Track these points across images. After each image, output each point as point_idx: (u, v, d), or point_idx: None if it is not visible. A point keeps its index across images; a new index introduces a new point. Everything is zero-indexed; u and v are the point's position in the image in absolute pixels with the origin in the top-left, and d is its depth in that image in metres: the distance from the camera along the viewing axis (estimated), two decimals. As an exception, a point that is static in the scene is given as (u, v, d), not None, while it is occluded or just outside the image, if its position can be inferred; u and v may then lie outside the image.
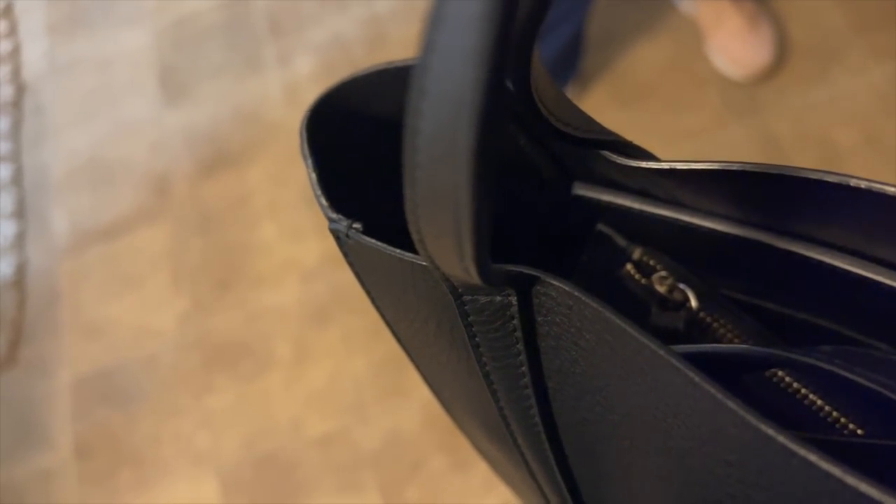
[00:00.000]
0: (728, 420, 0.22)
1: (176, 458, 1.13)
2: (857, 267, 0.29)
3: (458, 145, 0.18)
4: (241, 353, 1.18)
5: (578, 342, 0.26)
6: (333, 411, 1.11)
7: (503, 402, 0.31)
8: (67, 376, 1.22)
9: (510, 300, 0.26)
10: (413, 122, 0.19)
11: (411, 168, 0.20)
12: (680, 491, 0.26)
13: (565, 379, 0.28)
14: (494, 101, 0.18)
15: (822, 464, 0.20)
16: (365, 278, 0.34)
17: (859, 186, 0.26)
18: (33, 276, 1.32)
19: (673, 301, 0.35)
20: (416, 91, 0.19)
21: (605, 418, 0.28)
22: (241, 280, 1.23)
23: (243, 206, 1.30)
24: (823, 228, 0.30)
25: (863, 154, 1.11)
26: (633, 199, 0.35)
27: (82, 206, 1.37)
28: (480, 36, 0.17)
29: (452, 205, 0.20)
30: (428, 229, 0.21)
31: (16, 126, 1.37)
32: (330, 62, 1.39)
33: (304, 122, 0.32)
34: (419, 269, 0.28)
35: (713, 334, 0.35)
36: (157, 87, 1.46)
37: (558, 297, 0.25)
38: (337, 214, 0.30)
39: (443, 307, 0.29)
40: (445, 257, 0.22)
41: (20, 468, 1.17)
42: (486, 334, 0.28)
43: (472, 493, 1.01)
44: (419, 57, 0.18)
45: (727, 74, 1.21)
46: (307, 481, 1.07)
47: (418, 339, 0.35)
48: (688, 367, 0.22)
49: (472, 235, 0.20)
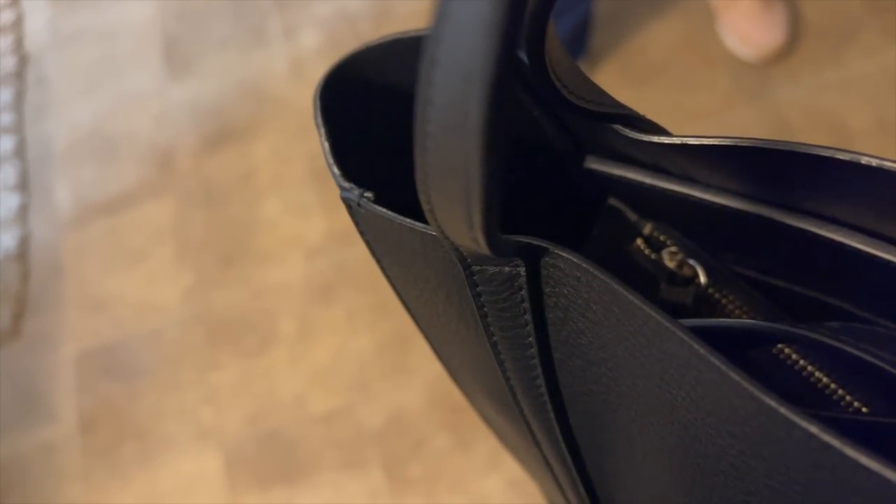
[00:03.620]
0: (732, 392, 0.22)
1: (179, 432, 1.13)
2: (867, 245, 0.29)
3: (470, 116, 0.19)
4: (245, 329, 1.18)
5: (586, 314, 0.26)
6: (337, 388, 1.11)
7: (510, 372, 0.32)
8: (71, 350, 1.22)
9: (518, 271, 0.26)
10: (424, 92, 0.19)
11: (422, 138, 0.20)
12: (683, 461, 0.27)
13: (572, 350, 0.29)
14: (506, 72, 0.18)
15: (823, 436, 0.20)
16: (376, 247, 0.35)
17: (870, 164, 0.26)
18: (37, 249, 1.32)
19: (682, 276, 0.35)
20: (428, 61, 0.19)
21: (610, 389, 0.28)
22: (245, 256, 1.23)
23: (248, 181, 1.29)
24: (834, 205, 0.30)
25: (874, 136, 1.10)
26: (644, 174, 0.35)
27: (86, 179, 1.37)
28: (493, 6, 0.17)
29: (463, 175, 0.20)
30: (438, 199, 0.22)
31: (19, 97, 1.36)
32: (335, 36, 1.39)
33: (317, 91, 0.32)
34: (429, 238, 0.28)
35: (721, 310, 0.35)
36: (161, 60, 1.45)
37: (567, 268, 0.26)
38: (349, 183, 0.31)
39: (452, 277, 0.29)
40: (455, 227, 0.23)
41: (24, 441, 1.17)
42: (494, 304, 0.28)
43: (475, 472, 1.01)
44: (431, 26, 0.19)
45: (739, 55, 1.20)
46: (310, 457, 1.08)
47: (428, 309, 0.36)
48: (693, 338, 0.23)
49: (482, 205, 0.21)
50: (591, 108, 0.31)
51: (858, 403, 0.30)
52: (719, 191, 0.32)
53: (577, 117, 0.33)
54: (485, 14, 0.18)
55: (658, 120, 0.32)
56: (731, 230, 0.33)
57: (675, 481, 0.28)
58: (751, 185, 0.31)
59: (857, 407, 0.30)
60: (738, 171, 0.31)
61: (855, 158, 0.26)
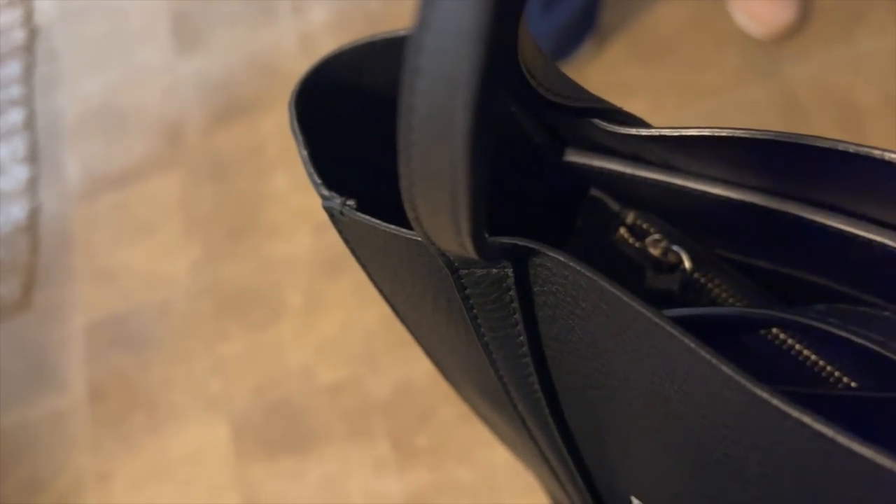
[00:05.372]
0: (723, 384, 0.22)
1: (188, 402, 1.15)
2: (847, 225, 0.29)
3: (455, 123, 0.19)
4: (253, 302, 1.19)
5: (575, 311, 0.26)
6: (344, 360, 1.12)
7: (503, 371, 0.31)
8: (81, 321, 1.24)
9: (506, 272, 0.26)
10: (408, 101, 0.19)
11: (407, 146, 0.20)
12: (678, 452, 0.27)
13: (563, 347, 0.29)
14: (490, 78, 0.18)
15: (816, 425, 0.20)
16: (360, 254, 0.34)
17: (847, 150, 0.26)
18: (46, 221, 1.33)
19: (667, 263, 0.35)
20: (411, 69, 0.18)
21: (603, 384, 0.28)
22: (253, 229, 1.24)
23: (256, 155, 1.30)
24: (813, 189, 0.30)
25: (883, 114, 1.09)
26: (624, 164, 0.35)
27: (95, 152, 1.38)
28: (475, 13, 0.17)
29: (449, 182, 0.20)
30: (424, 207, 0.21)
31: (28, 70, 1.37)
32: (345, 12, 1.38)
33: (292, 98, 0.32)
34: (414, 244, 0.28)
35: (708, 295, 0.35)
36: (170, 34, 1.45)
37: (554, 267, 0.26)
38: (330, 192, 0.31)
39: (439, 281, 0.29)
40: (441, 233, 0.23)
41: (34, 410, 1.19)
42: (483, 306, 0.28)
43: (480, 443, 1.02)
44: (413, 34, 0.18)
45: (749, 33, 1.19)
46: (317, 428, 1.09)
47: (416, 313, 0.36)
48: (683, 333, 0.23)
49: (469, 212, 0.21)
50: (568, 104, 0.31)
51: (847, 379, 0.30)
52: (699, 177, 0.32)
53: (554, 112, 0.32)
54: (466, 21, 0.17)
55: (666, 98, 0.32)
56: (714, 215, 0.33)
57: (672, 471, 0.28)
58: (730, 171, 0.31)
59: (846, 383, 0.30)
60: (718, 158, 0.31)
61: (833, 146, 0.26)
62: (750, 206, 0.31)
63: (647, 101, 1.17)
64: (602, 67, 1.21)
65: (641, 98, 1.18)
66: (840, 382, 0.30)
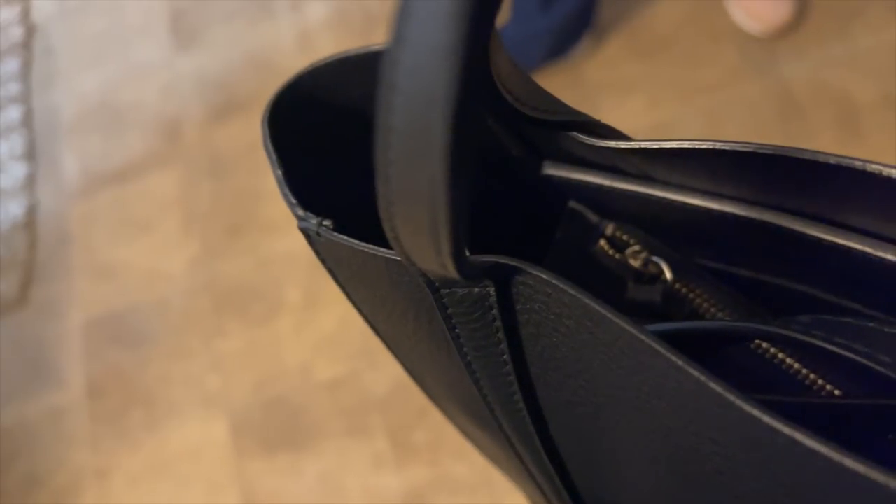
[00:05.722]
0: (712, 400, 0.22)
1: (186, 399, 1.15)
2: (827, 234, 0.29)
3: (433, 141, 0.18)
4: (251, 298, 1.19)
5: (559, 328, 0.26)
6: (342, 356, 1.12)
7: (486, 390, 0.31)
8: (79, 317, 1.24)
9: (488, 291, 0.25)
10: (384, 119, 0.18)
11: (384, 165, 0.19)
12: (667, 467, 0.27)
13: (547, 364, 0.28)
14: (468, 94, 0.18)
15: (808, 441, 0.20)
16: (339, 274, 0.34)
17: (828, 162, 0.26)
18: (44, 218, 1.33)
19: (648, 274, 0.35)
20: (387, 86, 0.18)
21: (589, 400, 0.28)
22: (251, 225, 1.24)
23: (254, 152, 1.29)
24: (792, 199, 0.30)
25: (880, 111, 1.09)
26: (603, 176, 0.34)
27: (93, 149, 1.37)
28: (451, 28, 0.17)
29: (428, 201, 0.19)
30: (403, 226, 0.21)
31: (26, 67, 1.36)
32: (342, 9, 1.38)
33: (265, 116, 0.31)
34: (394, 264, 0.27)
35: (690, 305, 0.35)
36: (168, 31, 1.45)
37: (536, 285, 0.25)
38: (305, 212, 0.30)
39: (420, 300, 0.29)
40: (421, 253, 0.22)
41: (32, 407, 1.19)
42: (465, 325, 0.27)
43: (477, 440, 1.02)
44: (388, 51, 0.18)
45: (746, 29, 1.19)
46: (315, 424, 1.09)
47: (397, 332, 0.35)
48: (669, 350, 0.22)
49: (450, 231, 0.20)
50: (545, 118, 0.30)
51: (831, 387, 0.30)
52: (678, 188, 0.32)
53: (532, 126, 0.32)
54: (443, 36, 0.17)
55: (663, 94, 0.32)
56: (693, 226, 0.33)
57: (661, 486, 0.28)
58: (709, 182, 0.31)
59: (829, 390, 0.30)
60: (696, 169, 0.31)
61: (812, 157, 0.26)
62: (730, 216, 0.31)
63: (644, 97, 1.17)
64: (600, 64, 1.21)
65: (639, 94, 1.17)
66: (824, 391, 0.30)
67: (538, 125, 0.31)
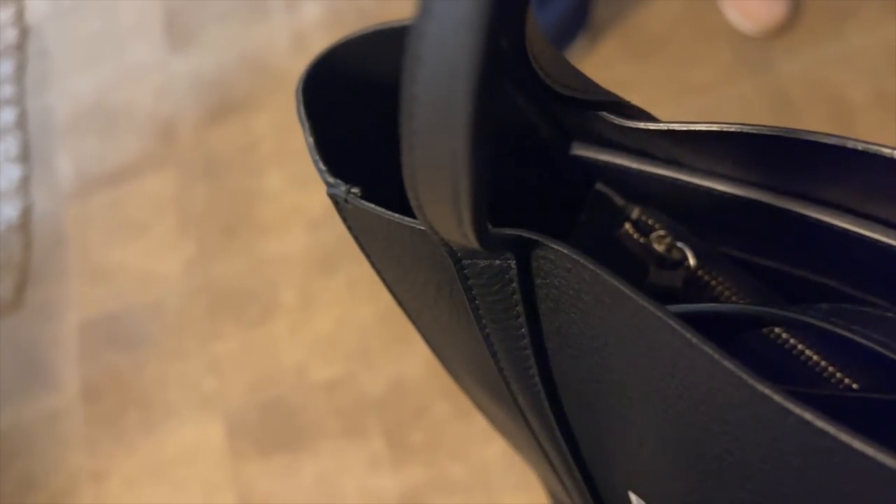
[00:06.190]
0: (725, 380, 0.22)
1: (182, 401, 1.15)
2: (854, 224, 0.29)
3: (456, 112, 0.18)
4: (247, 299, 1.19)
5: (577, 304, 0.26)
6: (339, 357, 1.12)
7: (503, 363, 0.31)
8: (74, 319, 1.23)
9: (509, 264, 0.26)
10: (409, 89, 0.19)
11: (409, 134, 0.20)
12: (678, 447, 0.27)
13: (564, 340, 0.28)
14: (491, 67, 0.18)
15: (818, 422, 0.20)
16: (364, 241, 0.34)
17: (856, 148, 0.26)
18: (39, 220, 1.32)
19: (671, 260, 0.35)
20: (412, 57, 0.18)
21: (603, 378, 0.28)
22: (247, 227, 1.24)
23: (249, 153, 1.29)
24: (820, 188, 0.30)
25: (874, 111, 1.10)
26: (631, 159, 0.34)
27: (87, 150, 1.37)
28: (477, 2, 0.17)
29: (450, 171, 0.20)
30: (426, 195, 0.21)
31: (20, 69, 1.36)
32: (337, 9, 1.38)
33: (299, 85, 0.32)
34: (418, 233, 0.28)
35: (711, 292, 0.35)
36: (162, 32, 1.45)
37: (557, 260, 0.25)
38: (335, 179, 0.30)
39: (442, 271, 0.29)
40: (444, 223, 0.22)
41: (27, 410, 1.18)
42: (485, 297, 0.28)
43: (475, 440, 1.02)
44: (414, 23, 0.18)
45: (740, 29, 1.19)
46: (312, 425, 1.09)
47: (418, 302, 0.35)
48: (685, 328, 0.22)
49: (471, 201, 0.21)
50: (577, 97, 0.31)
51: (849, 380, 0.30)
52: (706, 174, 0.32)
53: (562, 105, 0.32)
54: (468, 8, 0.17)
55: (658, 94, 0.32)
56: (719, 212, 0.33)
57: (672, 466, 0.28)
58: (738, 168, 0.31)
59: (847, 384, 0.30)
60: (725, 155, 0.31)
61: (842, 143, 0.26)
62: (756, 203, 0.31)
63: (639, 97, 1.16)
64: (594, 64, 1.21)
65: (634, 94, 1.15)
66: (841, 383, 0.30)
67: (569, 104, 0.31)
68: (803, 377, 0.31)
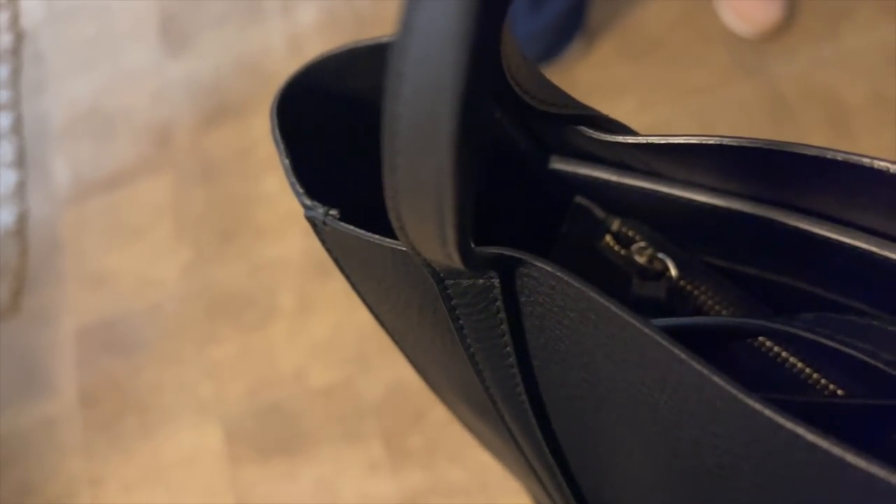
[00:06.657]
0: (714, 394, 0.22)
1: (180, 406, 1.14)
2: (833, 232, 0.29)
3: (440, 131, 0.18)
4: (244, 304, 1.19)
5: (562, 321, 0.26)
6: (336, 362, 1.12)
7: (489, 382, 0.31)
8: (71, 325, 1.23)
9: (493, 282, 0.25)
10: (392, 107, 0.18)
11: (391, 154, 0.19)
12: (668, 461, 0.26)
13: (550, 356, 0.28)
14: (476, 82, 0.18)
15: (809, 436, 0.20)
16: (344, 264, 0.34)
17: (836, 159, 0.26)
18: (35, 226, 1.32)
19: (653, 271, 0.35)
20: (394, 74, 0.18)
21: (591, 393, 0.28)
22: (243, 231, 1.24)
23: (246, 157, 1.29)
24: (800, 197, 0.30)
25: (870, 112, 1.10)
26: (610, 172, 0.34)
27: (83, 155, 1.37)
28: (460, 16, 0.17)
29: (435, 192, 0.19)
30: (409, 216, 0.21)
31: (15, 74, 1.36)
32: (333, 13, 1.38)
33: (273, 105, 0.31)
34: (399, 254, 0.27)
35: (694, 302, 0.35)
36: (157, 36, 1.45)
37: (541, 277, 0.25)
38: (312, 201, 0.30)
39: (424, 291, 0.29)
40: (427, 244, 0.22)
41: (24, 415, 1.18)
42: (469, 316, 0.27)
43: (473, 443, 1.02)
44: (396, 39, 0.18)
45: (736, 31, 1.19)
46: (310, 430, 1.09)
47: (401, 323, 0.35)
48: (672, 343, 0.22)
49: (455, 222, 0.20)
50: (554, 111, 0.30)
51: (834, 386, 0.30)
52: (686, 185, 0.32)
53: (540, 120, 0.32)
54: (452, 24, 0.17)
55: (655, 96, 0.32)
56: (700, 222, 0.33)
57: (662, 480, 0.28)
58: (716, 178, 0.31)
59: (832, 390, 0.30)
60: (704, 166, 0.31)
61: (820, 153, 0.26)
62: (736, 213, 0.31)
63: (636, 99, 1.17)
64: (591, 66, 1.21)
65: (630, 96, 1.18)
66: (826, 390, 0.30)
67: (546, 119, 0.31)
68: (789, 385, 0.31)
